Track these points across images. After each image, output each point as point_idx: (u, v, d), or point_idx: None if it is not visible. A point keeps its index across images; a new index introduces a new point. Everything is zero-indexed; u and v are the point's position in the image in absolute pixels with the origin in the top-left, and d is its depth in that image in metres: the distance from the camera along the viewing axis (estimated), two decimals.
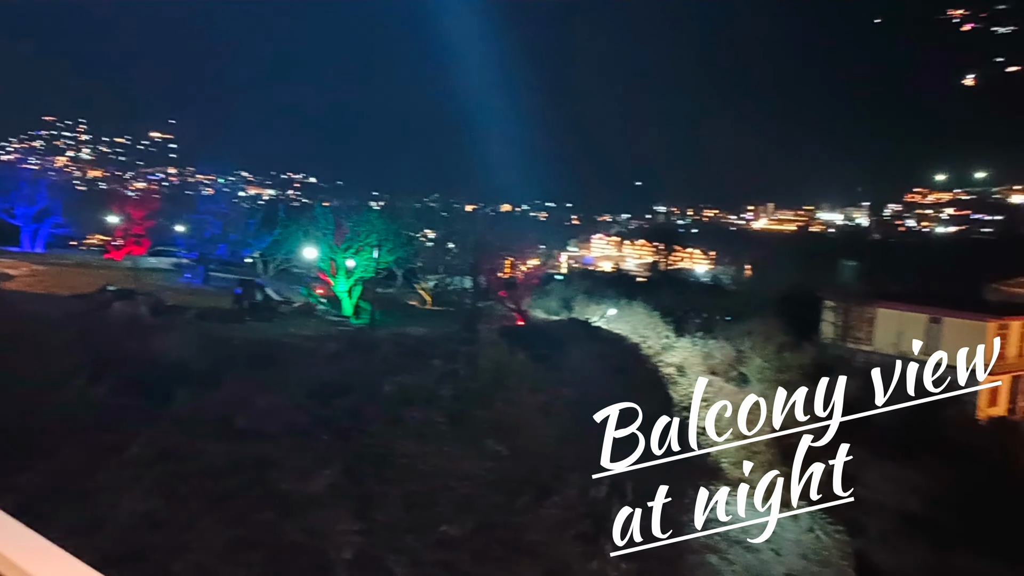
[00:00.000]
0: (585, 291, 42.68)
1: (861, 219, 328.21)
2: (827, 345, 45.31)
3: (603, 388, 28.49)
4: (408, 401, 24.54)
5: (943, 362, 37.07)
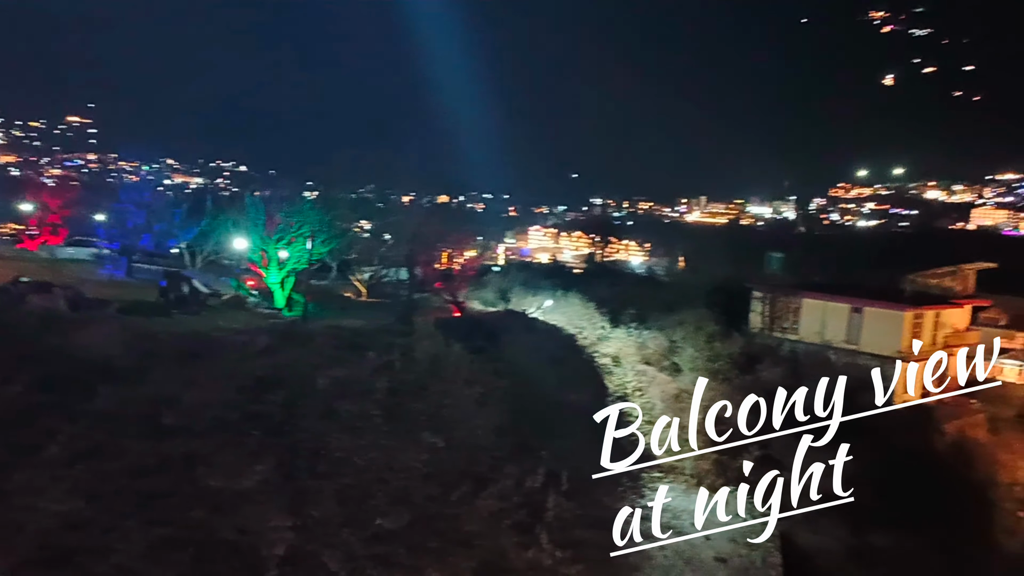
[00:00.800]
0: (522, 282, 42.83)
1: (788, 212, 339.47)
2: (755, 334, 46.68)
3: (540, 379, 28.79)
4: (343, 394, 24.21)
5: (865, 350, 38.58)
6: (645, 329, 38.86)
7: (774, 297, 48.81)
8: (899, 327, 44.66)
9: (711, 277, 58.13)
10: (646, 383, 32.77)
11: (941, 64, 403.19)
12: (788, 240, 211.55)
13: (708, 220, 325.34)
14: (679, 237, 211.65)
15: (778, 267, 58.21)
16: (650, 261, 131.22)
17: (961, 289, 56.89)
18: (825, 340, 45.90)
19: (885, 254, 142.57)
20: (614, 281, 53.67)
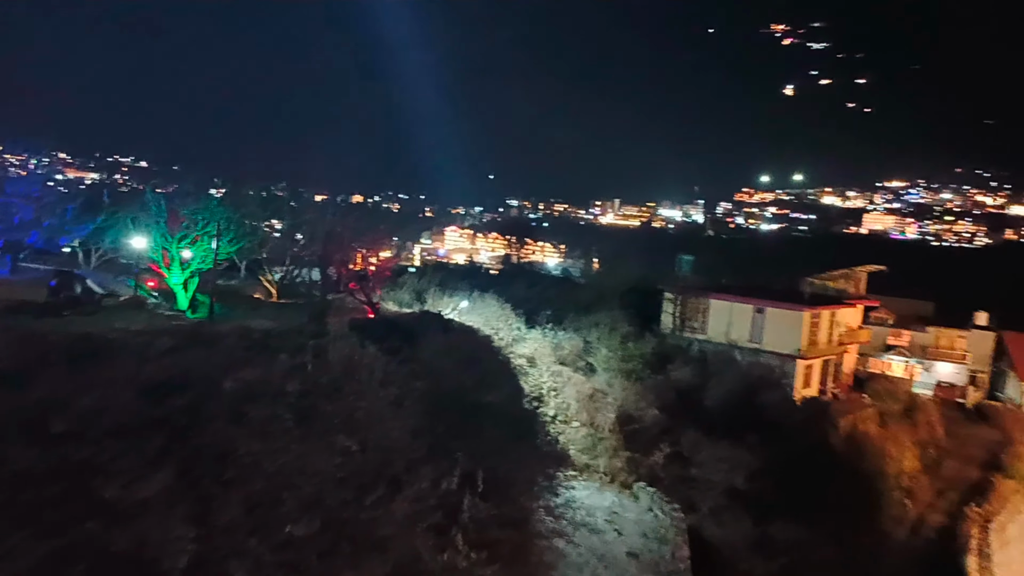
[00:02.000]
0: (438, 283, 42.60)
1: (697, 216, 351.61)
2: (667, 335, 48.05)
3: (455, 380, 28.65)
4: (252, 397, 23.36)
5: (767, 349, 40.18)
6: (561, 330, 39.33)
7: (684, 298, 50.39)
8: (798, 327, 46.89)
9: (625, 278, 59.46)
10: (561, 383, 33.16)
11: (836, 77, 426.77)
12: (697, 242, 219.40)
13: (622, 222, 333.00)
14: (594, 239, 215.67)
15: (688, 269, 60.05)
16: (566, 262, 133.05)
17: (854, 290, 60.29)
18: (731, 340, 47.72)
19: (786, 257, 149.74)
20: (530, 282, 54.10)
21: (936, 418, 52.56)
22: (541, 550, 22.96)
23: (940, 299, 73.60)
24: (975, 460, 49.82)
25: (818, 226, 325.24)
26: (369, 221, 55.08)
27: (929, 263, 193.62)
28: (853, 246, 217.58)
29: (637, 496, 28.36)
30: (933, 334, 65.28)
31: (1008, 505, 45.39)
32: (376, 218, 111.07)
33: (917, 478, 45.14)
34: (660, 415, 33.92)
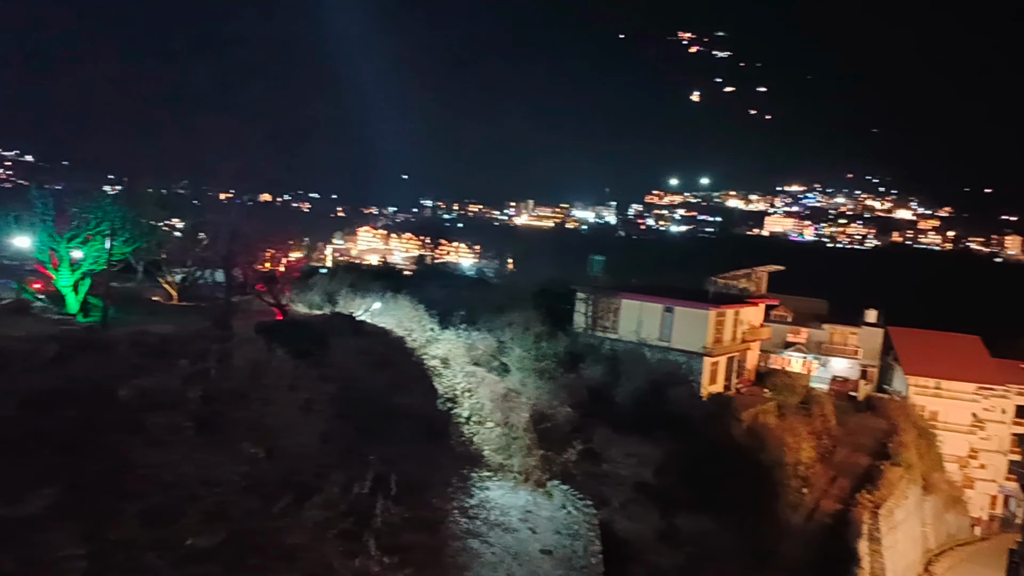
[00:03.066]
0: (350, 284, 41.78)
1: (610, 217, 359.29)
2: (579, 334, 48.86)
3: (367, 382, 28.19)
4: (149, 406, 22.25)
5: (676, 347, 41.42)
6: (475, 330, 39.32)
7: (596, 298, 51.37)
8: (704, 325, 48.60)
9: (538, 279, 60.14)
10: (475, 384, 33.11)
11: (739, 85, 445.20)
12: (609, 243, 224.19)
13: (536, 223, 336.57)
14: (508, 239, 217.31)
15: (600, 269, 61.15)
16: (480, 263, 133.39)
17: (755, 289, 62.99)
18: (641, 338, 48.98)
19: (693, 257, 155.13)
20: (444, 283, 53.91)
21: (830, 410, 55.56)
22: (455, 551, 22.85)
23: (834, 298, 77.91)
24: (865, 448, 52.97)
25: (723, 228, 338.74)
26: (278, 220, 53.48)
27: (825, 263, 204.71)
28: (755, 247, 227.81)
29: (551, 494, 28.67)
30: (828, 331, 68.96)
31: (895, 491, 48.47)
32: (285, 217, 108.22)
33: (813, 467, 47.61)
34: (573, 413, 34.44)
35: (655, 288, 55.43)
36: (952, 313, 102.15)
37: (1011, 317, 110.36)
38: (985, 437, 69.27)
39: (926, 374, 68.28)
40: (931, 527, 56.39)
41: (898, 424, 57.96)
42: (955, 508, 62.22)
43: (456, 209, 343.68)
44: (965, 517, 64.01)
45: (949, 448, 64.90)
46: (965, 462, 67.68)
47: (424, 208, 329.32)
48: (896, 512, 47.89)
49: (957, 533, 61.26)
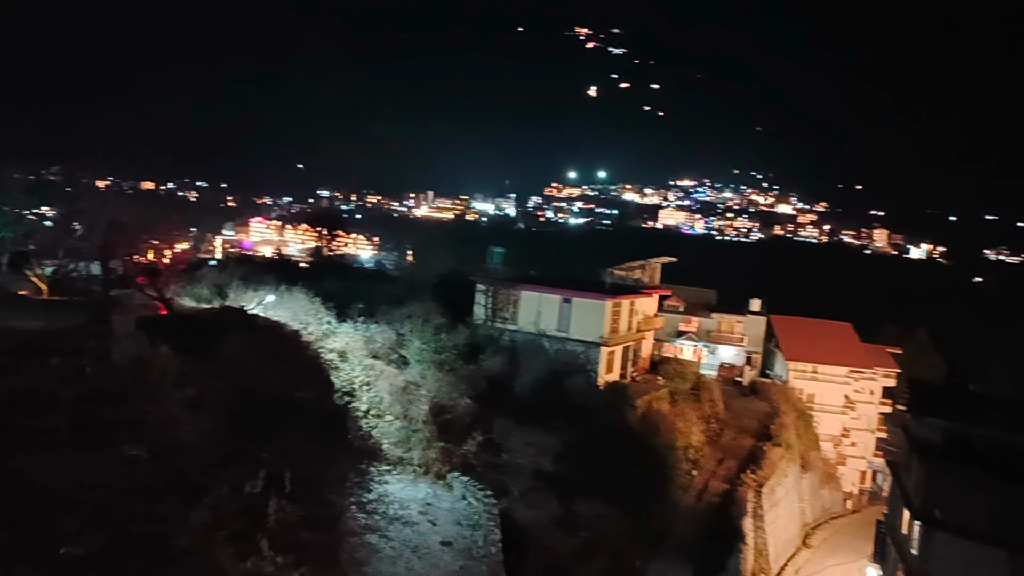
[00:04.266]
0: (242, 277, 40.22)
1: (509, 209, 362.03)
2: (479, 325, 48.97)
3: (260, 377, 27.26)
4: (18, 407, 20.69)
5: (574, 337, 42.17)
6: (373, 323, 38.71)
7: (495, 290, 51.63)
8: (601, 315, 49.78)
9: (438, 271, 59.80)
10: (374, 377, 32.64)
11: (634, 81, 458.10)
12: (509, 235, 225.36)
13: (436, 215, 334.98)
14: (408, 231, 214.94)
15: (499, 261, 61.39)
16: (379, 255, 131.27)
17: (649, 280, 65.08)
18: (540, 329, 49.65)
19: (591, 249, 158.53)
20: (342, 275, 52.73)
21: (718, 395, 58.26)
22: (352, 547, 22.52)
23: (722, 288, 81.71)
24: (750, 431, 55.87)
25: (619, 220, 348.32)
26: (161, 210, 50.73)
27: (714, 255, 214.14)
28: (650, 239, 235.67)
29: (451, 485, 28.67)
30: (717, 320, 72.18)
31: (776, 470, 51.39)
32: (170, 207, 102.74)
33: (702, 450, 49.82)
34: (472, 404, 34.51)
35: (554, 279, 56.29)
36: (827, 301, 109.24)
37: (877, 304, 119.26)
38: (856, 417, 74.56)
39: (804, 359, 72.67)
40: (808, 502, 60.21)
41: (779, 407, 61.47)
42: (829, 484, 66.69)
43: (354, 200, 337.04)
44: (838, 492, 68.70)
45: (824, 428, 69.45)
46: (838, 441, 72.62)
47: (321, 199, 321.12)
48: (777, 490, 50.84)
49: (831, 507, 65.69)
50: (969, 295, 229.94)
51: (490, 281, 52.25)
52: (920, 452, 33.65)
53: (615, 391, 47.86)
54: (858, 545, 52.10)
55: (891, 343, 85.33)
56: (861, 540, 51.55)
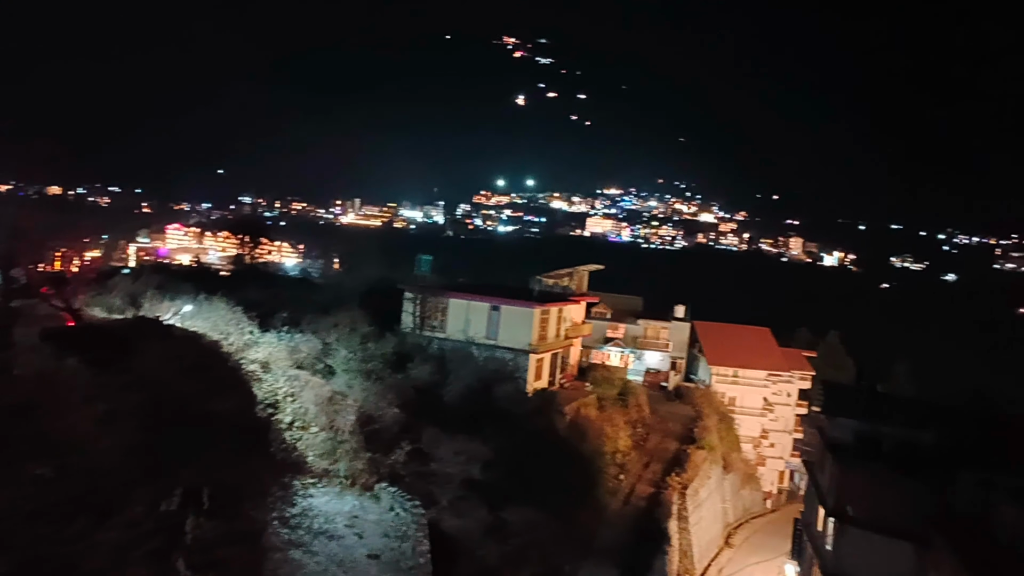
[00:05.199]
0: (157, 286, 38.67)
1: (438, 217, 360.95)
2: (407, 334, 48.50)
3: (177, 390, 26.21)
4: None
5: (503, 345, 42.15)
6: (298, 332, 37.84)
7: (424, 298, 51.26)
8: (530, 323, 50.06)
9: (366, 279, 58.97)
10: (299, 387, 31.86)
11: (561, 91, 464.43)
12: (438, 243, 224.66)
13: (363, 222, 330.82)
14: (334, 238, 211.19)
15: (427, 269, 61.00)
16: (304, 263, 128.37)
17: (577, 287, 65.84)
18: (469, 337, 49.55)
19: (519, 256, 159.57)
20: (265, 284, 51.38)
21: (644, 400, 59.43)
22: (275, 564, 21.86)
23: (648, 295, 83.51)
24: (674, 434, 57.19)
25: (548, 228, 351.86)
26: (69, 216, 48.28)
27: (640, 262, 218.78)
28: (578, 247, 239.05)
29: (378, 497, 28.22)
30: (643, 326, 73.71)
31: (700, 472, 52.75)
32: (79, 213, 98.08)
33: (629, 454, 50.67)
34: (400, 414, 34.09)
35: (482, 287, 56.29)
36: (747, 307, 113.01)
37: (793, 310, 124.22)
38: (774, 419, 77.41)
39: (726, 364, 75.01)
40: (730, 503, 62.04)
41: (702, 410, 63.22)
42: (750, 484, 68.92)
43: (278, 207, 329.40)
44: (758, 492, 71.07)
45: (745, 430, 71.83)
46: (758, 442, 75.20)
47: (243, 205, 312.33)
48: (701, 491, 52.19)
49: (752, 507, 67.87)
50: (876, 300, 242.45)
51: (418, 289, 51.86)
52: (833, 451, 35.12)
53: (544, 398, 48.17)
54: (777, 543, 53.96)
55: (806, 347, 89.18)
56: (780, 538, 53.40)
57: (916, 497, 29.75)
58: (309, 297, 47.90)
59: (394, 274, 60.66)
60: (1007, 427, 36.04)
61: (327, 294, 49.67)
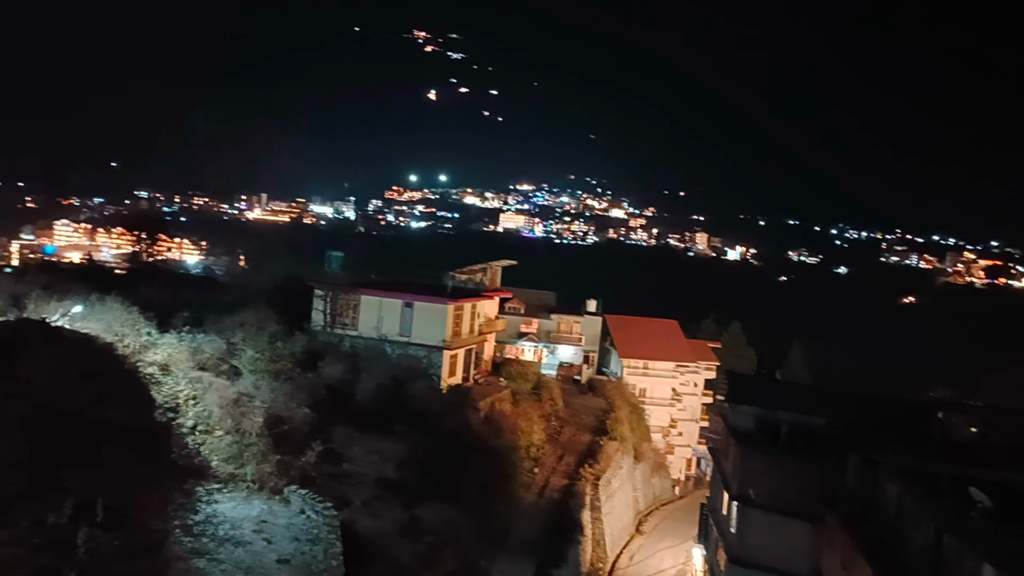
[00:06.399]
0: (44, 286, 36.29)
1: (349, 213, 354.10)
2: (318, 332, 47.43)
3: (67, 397, 24.71)
4: None
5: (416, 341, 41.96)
6: (201, 333, 36.35)
7: (335, 295, 50.23)
8: (443, 319, 49.86)
9: (274, 276, 57.28)
10: (202, 390, 30.58)
11: (473, 86, 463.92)
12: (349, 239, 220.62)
13: (270, 218, 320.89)
14: (240, 235, 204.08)
15: (338, 266, 59.85)
16: (208, 260, 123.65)
17: (490, 283, 66.08)
18: (382, 334, 48.91)
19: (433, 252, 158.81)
20: (165, 282, 49.10)
21: (558, 394, 60.22)
22: (177, 574, 20.90)
23: (561, 289, 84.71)
24: (587, 427, 58.22)
25: (461, 224, 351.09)
26: None
27: (552, 257, 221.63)
28: (491, 243, 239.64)
29: (288, 500, 27.44)
30: (556, 321, 74.65)
31: (612, 463, 53.95)
32: None
33: (543, 448, 51.24)
34: (311, 414, 33.26)
35: (395, 284, 55.70)
36: (656, 300, 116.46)
37: (699, 302, 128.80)
38: (682, 408, 79.95)
39: (636, 356, 76.91)
40: (641, 491, 63.75)
41: (614, 402, 64.62)
42: (660, 472, 71.01)
43: (178, 202, 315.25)
44: (668, 479, 73.30)
45: (655, 420, 73.91)
46: (667, 431, 77.50)
47: (139, 200, 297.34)
48: (613, 481, 53.38)
49: (661, 494, 69.97)
50: (775, 292, 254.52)
51: (329, 286, 50.78)
52: (736, 438, 36.61)
53: (458, 394, 48.10)
54: (686, 528, 55.84)
55: (711, 338, 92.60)
56: (688, 523, 55.28)
57: (811, 478, 31.38)
58: (213, 296, 46.18)
59: (304, 271, 59.21)
60: (890, 408, 38.59)
61: (232, 292, 47.99)
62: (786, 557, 31.90)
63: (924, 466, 25.44)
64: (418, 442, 35.74)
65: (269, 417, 31.06)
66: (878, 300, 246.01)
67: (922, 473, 24.56)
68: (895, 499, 24.53)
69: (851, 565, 24.93)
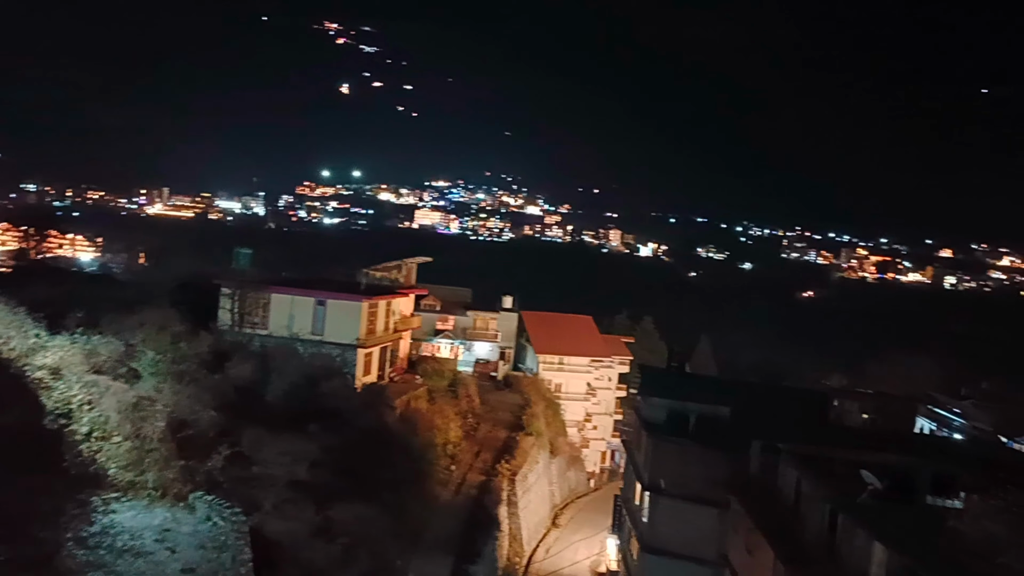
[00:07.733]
0: None
1: (258, 208, 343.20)
2: (225, 332, 45.72)
3: None
4: None
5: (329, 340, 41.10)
6: (96, 334, 34.36)
7: (243, 293, 48.56)
8: (357, 317, 49.02)
9: (177, 274, 54.80)
10: (97, 394, 28.94)
11: (387, 81, 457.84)
12: (259, 235, 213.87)
13: (173, 213, 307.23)
14: (140, 231, 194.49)
15: (247, 263, 57.85)
16: (105, 258, 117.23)
17: (406, 280, 65.39)
18: (294, 332, 47.64)
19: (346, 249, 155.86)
20: (55, 281, 46.17)
21: (474, 390, 60.32)
22: None
23: (477, 286, 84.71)
24: (504, 423, 58.59)
25: (375, 220, 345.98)
26: None
27: (468, 254, 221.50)
28: (406, 239, 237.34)
29: (194, 507, 26.39)
30: (472, 318, 74.64)
31: (528, 458, 54.46)
32: None
33: (460, 444, 51.24)
34: (218, 416, 32.03)
35: (307, 281, 54.38)
36: (571, 296, 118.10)
37: (613, 298, 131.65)
38: (597, 403, 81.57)
39: (552, 352, 77.88)
40: (557, 485, 64.67)
41: (531, 398, 65.26)
42: (575, 466, 72.22)
43: (70, 195, 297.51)
44: (583, 473, 74.66)
45: (570, 415, 75.09)
46: (582, 425, 78.91)
47: (27, 193, 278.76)
48: (529, 476, 53.91)
49: (577, 487, 71.19)
50: (685, 287, 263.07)
51: (237, 284, 49.00)
52: (647, 429, 37.62)
53: (373, 392, 47.43)
54: (600, 520, 56.97)
55: (624, 333, 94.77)
56: (603, 515, 56.41)
57: (717, 466, 32.59)
58: (110, 295, 43.73)
59: (210, 268, 56.94)
60: (788, 396, 40.56)
61: (131, 291, 45.60)
62: (695, 543, 33.04)
63: (820, 451, 26.81)
64: (332, 442, 35.01)
65: (172, 421, 29.76)
66: (779, 294, 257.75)
67: (818, 458, 25.89)
68: (794, 483, 25.76)
69: (754, 548, 26.04)
